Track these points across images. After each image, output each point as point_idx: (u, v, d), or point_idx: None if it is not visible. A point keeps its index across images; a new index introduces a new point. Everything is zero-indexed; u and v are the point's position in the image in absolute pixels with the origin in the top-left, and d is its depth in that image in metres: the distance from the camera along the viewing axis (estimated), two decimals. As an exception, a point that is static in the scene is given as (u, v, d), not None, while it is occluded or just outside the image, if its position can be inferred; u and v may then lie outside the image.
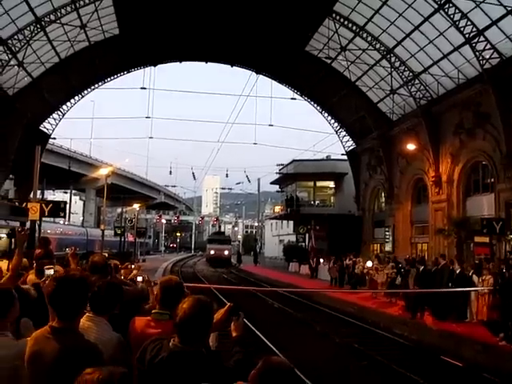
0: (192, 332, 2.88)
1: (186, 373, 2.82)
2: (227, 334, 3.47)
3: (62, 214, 22.12)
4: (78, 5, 27.85)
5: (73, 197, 71.41)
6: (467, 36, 23.92)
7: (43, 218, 20.76)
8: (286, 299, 23.51)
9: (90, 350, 2.78)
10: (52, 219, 34.42)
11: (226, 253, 60.25)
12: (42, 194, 38.42)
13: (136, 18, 31.36)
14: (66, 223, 50.49)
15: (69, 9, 27.83)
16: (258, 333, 14.56)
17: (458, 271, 16.70)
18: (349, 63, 32.54)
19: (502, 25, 22.74)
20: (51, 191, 74.25)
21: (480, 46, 23.87)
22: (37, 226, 18.39)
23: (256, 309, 18.96)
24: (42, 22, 27.81)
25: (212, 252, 60.31)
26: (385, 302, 21.52)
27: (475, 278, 16.14)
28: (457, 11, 23.47)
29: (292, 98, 41.21)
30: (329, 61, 33.57)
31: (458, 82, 27.29)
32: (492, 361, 11.66)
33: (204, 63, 41.80)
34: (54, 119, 38.65)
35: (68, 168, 52.49)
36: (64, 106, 38.71)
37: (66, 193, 70.73)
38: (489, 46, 23.65)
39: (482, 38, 23.65)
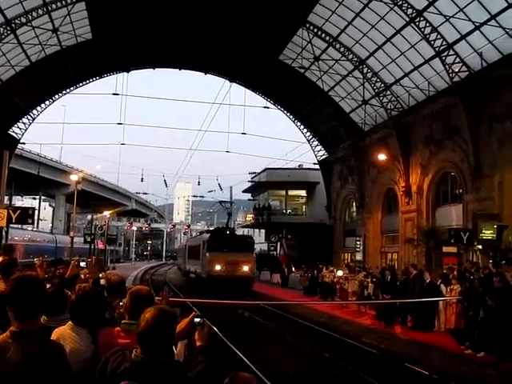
0: (154, 342, 2.81)
1: (148, 384, 2.76)
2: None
3: (30, 221, 21.65)
4: (49, 8, 27.47)
5: (42, 203, 70.09)
6: (437, 49, 24.47)
7: (10, 225, 20.33)
8: (257, 308, 23.34)
9: (54, 351, 2.75)
10: (20, 226, 33.71)
11: (247, 268, 31.54)
12: (10, 199, 37.60)
13: (109, 23, 31.15)
14: (35, 230, 49.50)
15: (40, 12, 27.42)
16: (228, 342, 14.44)
17: (427, 281, 16.89)
18: (322, 73, 32.85)
19: (471, 39, 23.34)
20: (19, 197, 72.77)
21: (449, 60, 24.44)
22: (4, 233, 18.01)
23: (226, 318, 18.84)
24: (13, 25, 27.29)
25: (218, 267, 30.66)
26: (355, 311, 21.63)
27: (443, 287, 16.34)
28: (427, 25, 23.99)
29: (265, 107, 41.36)
30: (302, 70, 33.85)
31: (429, 94, 27.78)
32: (458, 369, 11.79)
33: (177, 70, 41.69)
34: (24, 124, 38.02)
35: (37, 173, 51.49)
36: (34, 111, 38.16)
37: (34, 199, 69.27)
38: (458, 60, 24.23)
39: (451, 52, 24.24)
